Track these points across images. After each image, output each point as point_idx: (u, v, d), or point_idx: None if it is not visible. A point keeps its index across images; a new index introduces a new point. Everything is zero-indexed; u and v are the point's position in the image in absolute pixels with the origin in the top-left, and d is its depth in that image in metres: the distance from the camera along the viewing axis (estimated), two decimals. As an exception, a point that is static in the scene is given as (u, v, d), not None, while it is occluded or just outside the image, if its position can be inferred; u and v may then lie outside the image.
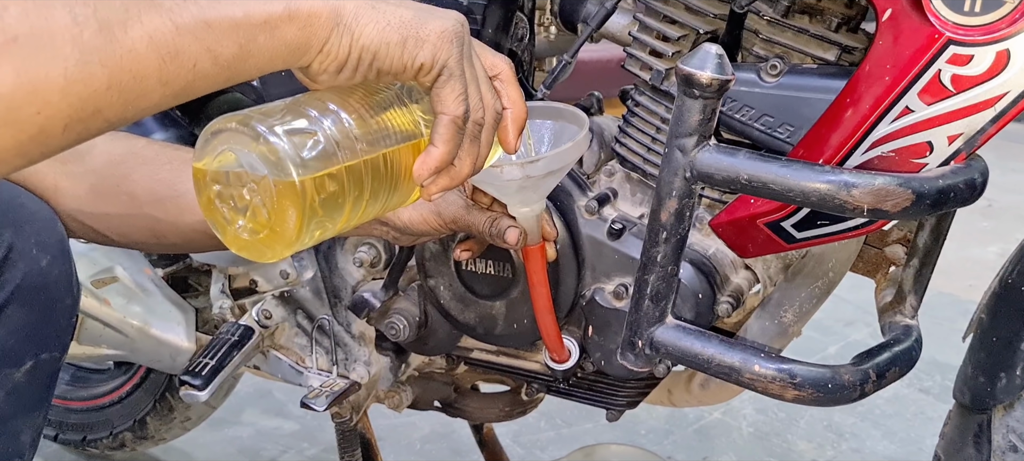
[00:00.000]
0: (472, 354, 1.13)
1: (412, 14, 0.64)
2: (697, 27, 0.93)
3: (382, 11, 0.63)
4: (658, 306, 0.86)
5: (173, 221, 0.92)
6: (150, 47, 0.54)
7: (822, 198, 0.76)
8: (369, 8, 0.63)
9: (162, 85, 0.56)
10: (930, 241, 0.96)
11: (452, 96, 0.67)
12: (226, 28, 0.57)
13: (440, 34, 0.65)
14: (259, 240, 0.65)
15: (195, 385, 1.11)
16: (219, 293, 1.22)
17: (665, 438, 1.83)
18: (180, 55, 0.56)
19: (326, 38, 0.62)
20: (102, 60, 0.53)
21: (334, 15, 0.61)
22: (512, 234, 0.88)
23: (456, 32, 0.66)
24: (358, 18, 0.62)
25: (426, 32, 0.64)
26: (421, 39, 0.64)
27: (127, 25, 0.53)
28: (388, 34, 0.63)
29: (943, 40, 0.75)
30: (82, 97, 0.53)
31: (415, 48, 0.64)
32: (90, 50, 0.52)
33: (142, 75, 0.55)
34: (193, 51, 0.56)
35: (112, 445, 1.62)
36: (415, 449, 1.77)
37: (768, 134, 0.88)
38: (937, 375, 2.06)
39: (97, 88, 0.53)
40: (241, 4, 0.58)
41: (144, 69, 0.54)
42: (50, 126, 0.52)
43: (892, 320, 0.96)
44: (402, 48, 0.64)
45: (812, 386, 0.83)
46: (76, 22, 0.52)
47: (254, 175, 0.63)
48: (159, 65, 0.55)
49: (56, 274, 0.87)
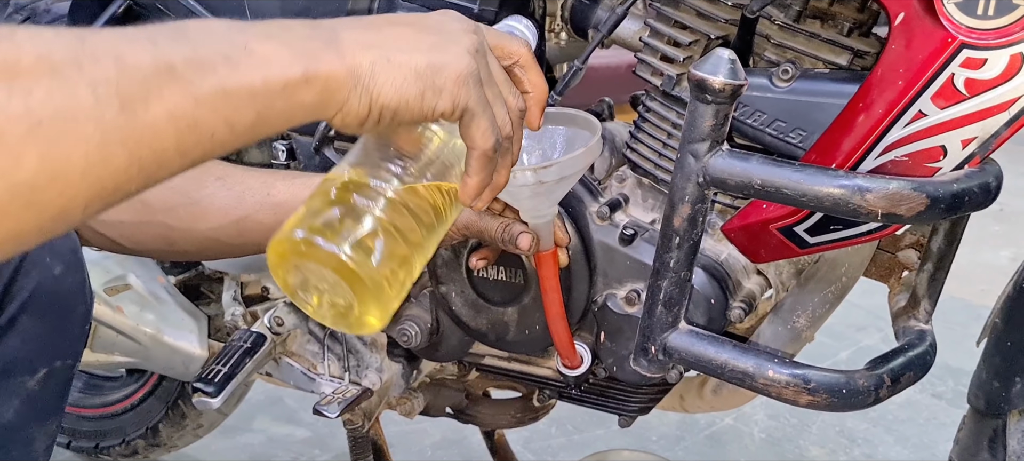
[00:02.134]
0: (484, 360, 1.13)
1: (427, 61, 0.63)
2: (708, 32, 0.93)
3: (398, 64, 0.63)
4: (671, 311, 0.86)
5: (186, 228, 0.92)
6: (170, 122, 0.54)
7: (835, 203, 0.76)
8: (385, 62, 0.62)
9: (180, 156, 0.56)
10: (944, 245, 0.96)
11: (479, 133, 0.66)
12: (244, 97, 0.57)
13: (456, 79, 0.64)
14: (349, 321, 0.68)
15: (208, 392, 1.11)
16: (231, 300, 1.23)
17: (677, 444, 1.83)
18: (199, 127, 0.55)
19: (345, 99, 0.61)
20: (123, 139, 0.52)
21: (351, 76, 0.61)
22: (525, 240, 0.88)
23: (471, 72, 0.65)
24: (375, 76, 0.62)
25: (442, 80, 0.64)
26: (438, 88, 0.63)
27: (148, 101, 0.53)
28: (406, 89, 0.62)
29: (956, 44, 0.75)
30: (102, 177, 0.52)
31: (434, 98, 0.63)
32: (112, 130, 0.52)
33: (161, 150, 0.54)
34: (211, 121, 0.56)
35: (125, 452, 1.63)
36: (427, 455, 1.77)
37: (780, 139, 0.88)
38: (950, 380, 2.05)
39: (118, 167, 0.52)
40: (260, 69, 0.57)
41: (164, 144, 0.54)
42: (71, 206, 0.52)
43: (906, 325, 0.96)
44: (421, 101, 0.63)
45: (826, 391, 0.83)
46: (98, 102, 0.51)
47: (330, 278, 0.66)
48: (177, 139, 0.55)
49: (69, 282, 0.87)
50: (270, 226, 0.92)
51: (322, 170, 1.06)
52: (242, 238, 0.93)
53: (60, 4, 1.43)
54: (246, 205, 0.92)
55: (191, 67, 0.55)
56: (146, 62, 0.53)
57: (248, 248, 0.97)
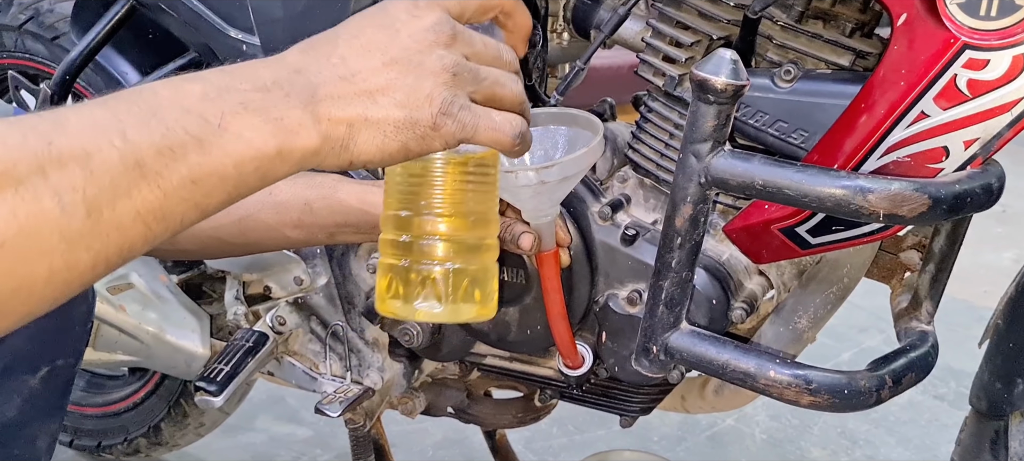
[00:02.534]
0: (485, 360, 1.13)
1: (405, 115, 0.60)
2: (710, 33, 0.93)
3: (377, 123, 0.60)
4: (672, 312, 0.86)
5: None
6: (137, 219, 0.52)
7: (838, 203, 0.76)
8: (363, 123, 0.59)
9: (146, 244, 0.55)
10: (946, 246, 0.96)
11: (487, 137, 0.64)
12: (216, 182, 0.55)
13: (435, 123, 0.61)
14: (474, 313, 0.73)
15: (210, 391, 1.11)
16: (233, 299, 1.23)
17: (678, 444, 1.83)
18: (168, 217, 0.54)
19: (321, 162, 0.60)
20: (88, 244, 0.51)
21: (327, 143, 0.59)
22: (527, 240, 0.88)
23: (449, 102, 0.61)
24: (353, 138, 0.59)
25: (423, 129, 0.61)
26: (421, 137, 0.61)
27: (115, 203, 0.51)
28: (387, 146, 0.60)
29: (959, 44, 0.75)
30: (68, 280, 0.51)
31: (419, 145, 0.61)
32: (77, 238, 0.50)
33: (128, 245, 0.53)
34: (181, 210, 0.55)
35: (127, 451, 1.63)
36: (428, 455, 1.77)
37: (782, 140, 0.88)
38: (952, 381, 2.05)
39: (83, 270, 0.51)
40: (231, 150, 0.55)
41: (131, 240, 0.53)
42: (35, 310, 0.52)
43: (908, 326, 0.96)
44: (405, 152, 0.61)
45: (828, 392, 0.83)
46: (64, 212, 0.50)
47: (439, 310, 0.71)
48: (145, 232, 0.53)
49: None
50: (272, 225, 0.92)
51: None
52: (244, 237, 0.93)
53: (63, 4, 1.43)
54: (248, 204, 0.91)
55: (161, 159, 0.53)
56: (114, 162, 0.51)
57: (250, 247, 0.98)
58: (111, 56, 1.35)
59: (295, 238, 0.94)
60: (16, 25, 1.45)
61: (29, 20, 1.45)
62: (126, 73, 1.35)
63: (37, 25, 1.44)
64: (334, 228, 0.93)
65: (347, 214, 0.91)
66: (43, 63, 1.47)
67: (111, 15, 1.24)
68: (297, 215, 0.92)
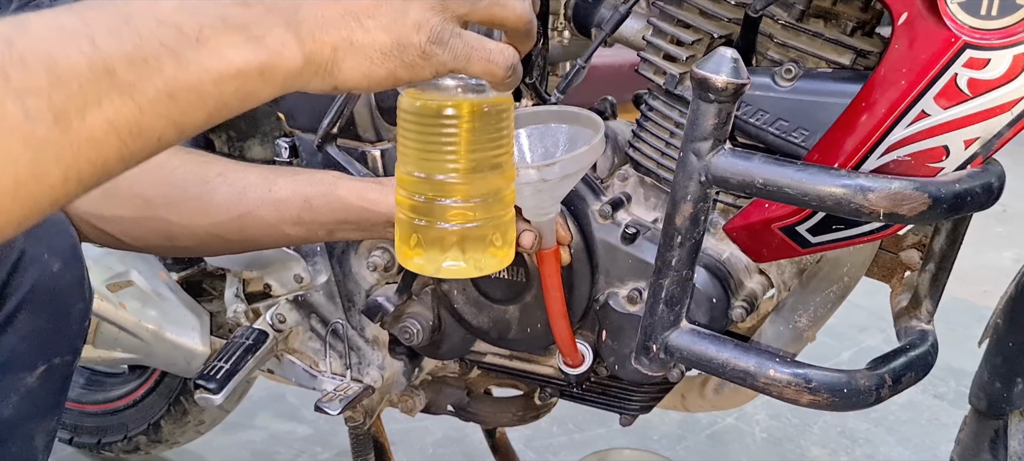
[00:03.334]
0: (485, 358, 1.13)
1: (392, 40, 0.57)
2: (711, 31, 0.93)
3: (362, 47, 0.57)
4: (673, 310, 0.86)
5: (187, 224, 0.92)
6: (110, 131, 0.49)
7: (838, 202, 0.76)
8: (348, 46, 0.57)
9: (123, 162, 0.51)
10: (946, 246, 0.96)
11: (480, 68, 0.60)
12: (193, 98, 0.52)
13: (423, 46, 0.58)
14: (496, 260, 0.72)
15: (210, 389, 1.11)
16: (233, 297, 1.23)
17: (678, 443, 1.83)
18: (143, 133, 0.51)
19: (304, 85, 0.57)
20: (57, 155, 0.48)
21: (311, 65, 0.56)
22: (527, 238, 0.88)
23: (439, 29, 0.59)
24: (338, 62, 0.57)
25: (412, 56, 0.58)
26: (409, 64, 0.58)
27: (85, 112, 0.48)
28: (374, 72, 0.58)
29: (959, 44, 0.75)
30: (36, 195, 0.48)
31: (407, 73, 0.59)
32: (44, 147, 0.47)
33: (102, 160, 0.50)
34: (158, 126, 0.51)
35: (127, 448, 1.63)
36: (428, 453, 1.77)
37: (783, 138, 0.88)
38: (952, 381, 2.05)
39: (53, 183, 0.48)
40: (210, 65, 0.52)
41: (104, 154, 0.50)
42: (4, 229, 0.49)
43: (908, 325, 0.96)
44: (393, 79, 0.59)
45: (827, 391, 0.83)
46: (28, 117, 0.46)
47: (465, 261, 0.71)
48: (120, 147, 0.50)
49: (68, 279, 0.87)
50: (272, 223, 0.92)
51: (324, 167, 1.06)
52: (243, 234, 0.93)
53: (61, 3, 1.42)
54: (248, 202, 0.92)
55: (134, 68, 0.50)
56: (82, 68, 0.48)
57: (249, 244, 0.97)
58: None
59: (295, 235, 0.94)
60: (16, 22, 1.45)
61: (29, 17, 1.45)
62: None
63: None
64: (334, 225, 0.93)
65: (347, 211, 0.91)
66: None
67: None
68: (297, 212, 0.92)
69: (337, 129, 1.07)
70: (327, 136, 1.06)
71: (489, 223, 0.69)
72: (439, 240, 0.68)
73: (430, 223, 0.68)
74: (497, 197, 0.69)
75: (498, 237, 0.70)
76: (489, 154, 0.68)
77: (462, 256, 0.69)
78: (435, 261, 0.69)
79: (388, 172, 1.10)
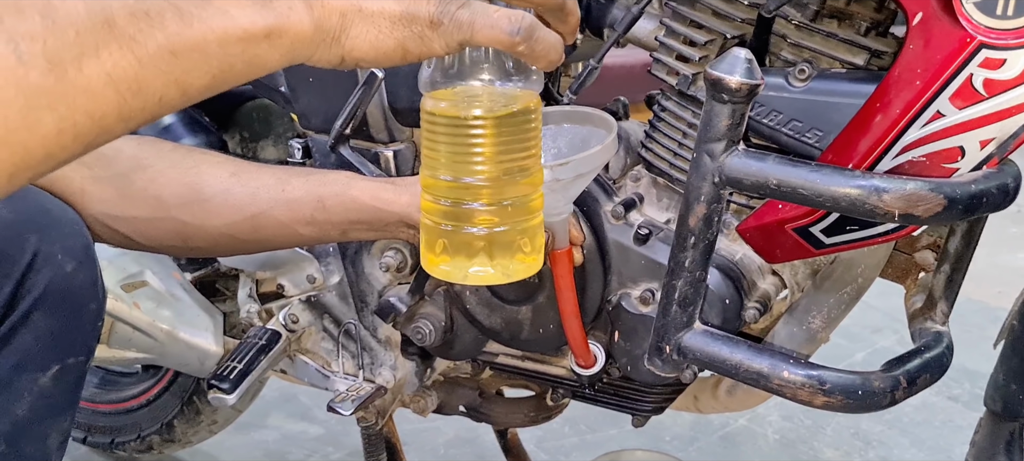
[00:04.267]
0: (497, 359, 1.13)
1: (402, 8, 0.56)
2: (724, 32, 0.93)
3: (371, 14, 0.55)
4: (686, 311, 0.86)
5: (200, 224, 0.92)
6: (109, 84, 0.47)
7: (852, 203, 0.76)
8: (357, 13, 0.55)
9: (123, 122, 0.50)
10: (961, 247, 0.95)
11: (485, 36, 0.58)
12: (197, 57, 0.50)
13: (432, 15, 0.56)
14: (525, 266, 0.69)
15: (223, 389, 1.12)
16: (247, 297, 1.23)
17: (690, 444, 1.82)
18: (144, 90, 0.49)
19: (312, 53, 0.55)
20: (51, 103, 0.46)
21: (320, 31, 0.54)
22: None
23: None
24: (346, 30, 0.55)
25: (420, 27, 0.56)
26: (418, 35, 0.56)
27: (81, 61, 0.46)
28: (382, 42, 0.56)
29: (975, 44, 0.75)
30: (28, 145, 0.46)
31: (417, 46, 0.57)
32: (36, 94, 0.45)
33: (99, 114, 0.48)
34: (159, 84, 0.49)
35: (140, 448, 1.64)
36: (440, 454, 1.77)
37: (797, 139, 0.87)
38: (966, 382, 2.04)
39: (45, 133, 0.46)
40: (215, 24, 0.50)
41: (102, 108, 0.48)
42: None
43: (922, 326, 0.95)
44: (402, 52, 0.57)
45: (842, 392, 0.83)
46: (21, 61, 0.45)
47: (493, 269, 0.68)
48: (119, 102, 0.48)
49: (81, 279, 0.87)
50: (285, 223, 0.92)
51: (337, 168, 1.06)
52: (256, 234, 0.93)
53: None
54: (260, 202, 0.92)
55: (135, 21, 0.48)
56: (79, 14, 0.46)
57: (263, 244, 0.98)
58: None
59: (308, 235, 0.94)
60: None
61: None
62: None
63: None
64: (347, 225, 0.93)
65: (360, 212, 0.92)
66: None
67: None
68: (310, 212, 0.92)
69: (350, 130, 1.07)
70: (340, 137, 1.06)
71: (517, 227, 0.67)
72: (466, 246, 0.66)
73: (457, 228, 0.66)
74: (525, 201, 0.68)
75: (527, 242, 0.68)
76: (517, 156, 0.66)
77: (490, 262, 0.67)
78: (462, 267, 0.67)
79: (401, 172, 1.10)
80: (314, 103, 1.10)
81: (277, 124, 1.37)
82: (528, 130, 0.66)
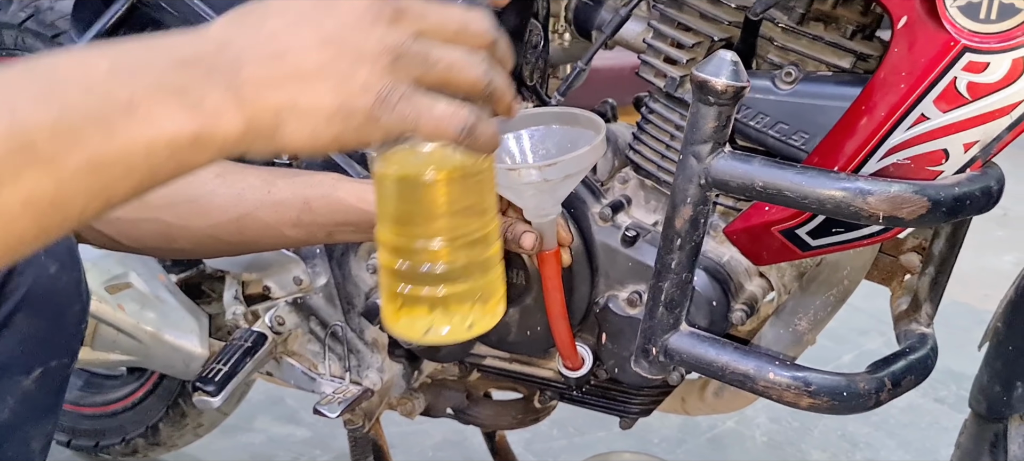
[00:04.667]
0: (485, 361, 1.13)
1: (338, 102, 0.53)
2: (711, 34, 0.93)
3: (306, 110, 0.52)
4: (672, 313, 0.86)
5: (185, 225, 0.92)
6: (26, 208, 0.46)
7: (837, 205, 0.76)
8: (291, 110, 0.52)
9: (41, 236, 0.48)
10: (946, 249, 0.96)
11: (430, 132, 0.55)
12: (120, 169, 0.48)
13: (370, 109, 0.53)
14: (483, 324, 0.67)
15: (208, 391, 1.11)
16: (232, 299, 1.23)
17: (678, 447, 1.83)
18: (65, 206, 0.47)
19: (244, 150, 0.53)
20: None
21: (252, 131, 0.52)
22: (528, 239, 0.88)
23: (387, 89, 0.53)
24: (280, 127, 0.52)
25: (358, 121, 0.53)
26: (356, 128, 0.53)
27: (0, 189, 0.45)
28: (318, 136, 0.53)
29: (959, 47, 0.75)
30: None
31: (355, 137, 0.54)
32: None
33: (16, 237, 0.47)
34: (80, 200, 0.48)
35: (125, 451, 1.63)
36: (427, 456, 1.77)
37: (783, 141, 0.88)
38: (952, 384, 2.05)
39: None
40: (140, 134, 0.48)
41: (19, 232, 0.47)
42: None
43: (907, 328, 0.96)
44: (339, 144, 0.54)
45: (827, 394, 0.83)
46: None
47: None
48: (37, 221, 0.47)
49: (64, 281, 0.87)
50: (271, 224, 0.92)
51: (324, 169, 1.06)
52: (242, 235, 0.93)
53: (63, 2, 1.43)
54: (246, 203, 0.91)
55: (56, 140, 0.46)
56: (0, 137, 0.45)
57: (248, 246, 0.97)
58: (111, 55, 1.35)
59: (294, 237, 0.94)
60: (16, 23, 1.45)
61: (29, 18, 1.44)
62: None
63: (37, 23, 1.44)
64: (333, 227, 0.93)
65: (347, 213, 0.91)
66: (43, 62, 1.47)
67: (111, 13, 1.24)
68: (296, 214, 0.92)
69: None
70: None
71: (476, 284, 0.65)
72: (424, 306, 0.64)
73: (415, 289, 0.63)
74: (481, 258, 0.65)
75: (485, 299, 0.65)
76: (471, 216, 0.63)
77: (449, 320, 0.65)
78: (420, 327, 0.65)
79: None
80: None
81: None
82: (481, 186, 0.64)
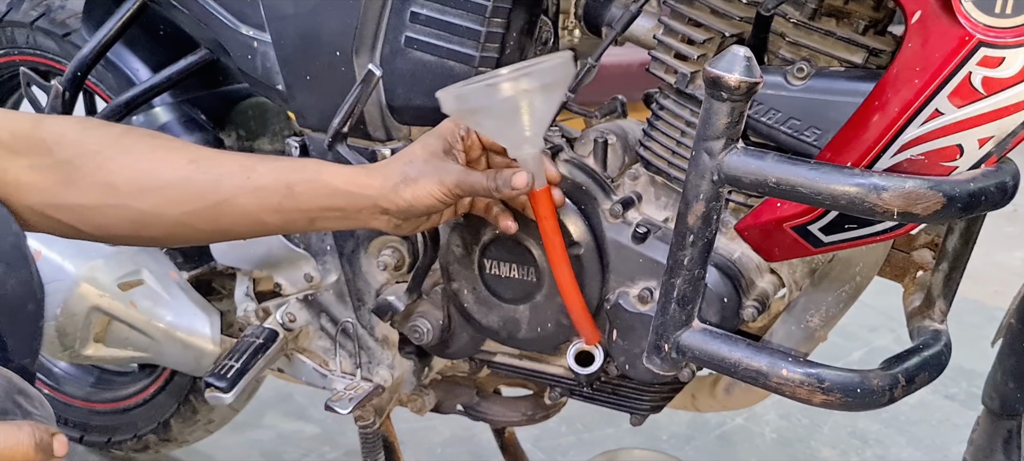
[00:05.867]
0: (495, 358, 1.13)
1: None
2: (723, 30, 0.93)
3: None
4: (684, 310, 0.86)
5: (157, 213, 0.89)
6: None
7: (851, 201, 0.76)
8: None
9: None
10: (959, 245, 0.95)
11: None
12: None
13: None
14: None
15: (220, 387, 1.11)
16: (243, 296, 1.23)
17: (687, 443, 1.82)
18: None
19: None
20: None
21: None
22: (520, 178, 0.86)
23: None
24: None
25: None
26: None
27: None
28: None
29: (974, 42, 0.75)
30: None
31: None
32: None
33: None
34: None
35: (136, 447, 1.63)
36: (436, 453, 1.77)
37: (795, 137, 0.87)
38: (963, 381, 2.04)
39: None
40: None
41: None
42: None
43: (921, 325, 0.95)
44: None
45: (840, 391, 0.83)
46: None
47: None
48: None
49: (14, 282, 0.83)
50: (250, 211, 0.89)
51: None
52: (216, 224, 0.90)
53: (74, 0, 1.43)
54: (224, 189, 0.89)
55: None
56: None
57: (221, 234, 0.94)
58: (122, 53, 1.35)
59: (272, 224, 0.92)
60: (28, 21, 1.45)
61: (41, 17, 1.45)
62: (137, 70, 1.36)
63: (49, 21, 1.45)
64: (316, 212, 0.91)
65: (333, 197, 0.89)
66: (54, 60, 1.47)
67: (123, 12, 1.25)
68: (278, 200, 0.89)
69: (347, 128, 1.06)
70: (337, 135, 1.05)
71: None
72: None
73: None
74: None
75: None
76: None
77: None
78: None
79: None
80: (311, 101, 1.10)
81: (273, 122, 1.37)
82: None
